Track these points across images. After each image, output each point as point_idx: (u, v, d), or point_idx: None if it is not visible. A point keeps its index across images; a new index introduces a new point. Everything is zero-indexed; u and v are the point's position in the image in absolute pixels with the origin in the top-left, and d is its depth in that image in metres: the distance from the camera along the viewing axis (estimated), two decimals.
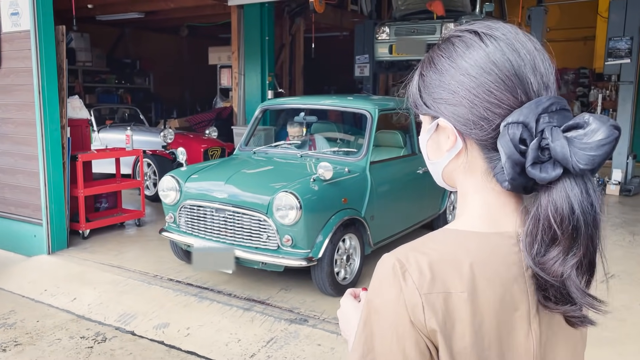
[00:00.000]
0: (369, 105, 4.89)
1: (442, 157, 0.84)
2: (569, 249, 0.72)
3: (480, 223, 0.79)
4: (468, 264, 0.74)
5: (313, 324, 3.69)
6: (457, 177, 0.84)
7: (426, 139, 0.86)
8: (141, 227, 6.18)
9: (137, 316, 3.91)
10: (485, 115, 0.76)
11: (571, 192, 0.71)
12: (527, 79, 0.76)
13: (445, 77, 0.80)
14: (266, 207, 3.91)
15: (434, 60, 0.82)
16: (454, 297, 0.73)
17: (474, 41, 0.79)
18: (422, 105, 0.84)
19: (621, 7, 7.82)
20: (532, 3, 9.20)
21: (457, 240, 0.78)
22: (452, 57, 0.80)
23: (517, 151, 0.72)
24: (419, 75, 0.85)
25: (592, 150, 0.68)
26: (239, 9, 9.49)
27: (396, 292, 0.74)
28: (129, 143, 6.19)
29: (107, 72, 13.28)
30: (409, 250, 0.77)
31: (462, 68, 0.78)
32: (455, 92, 0.78)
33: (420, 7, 8.84)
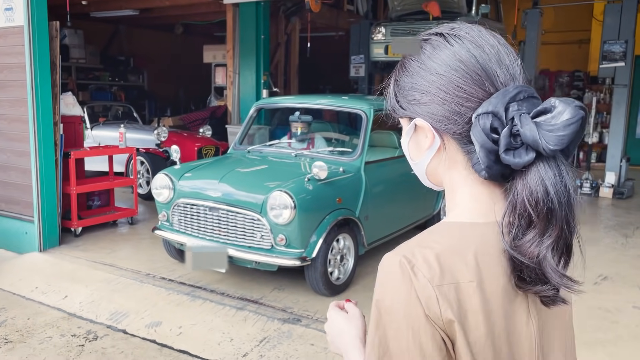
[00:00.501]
0: (364, 105, 4.88)
1: (423, 156, 0.87)
2: (544, 230, 0.74)
3: (473, 214, 0.82)
4: (472, 254, 0.76)
5: (306, 324, 3.67)
6: (441, 173, 0.87)
7: (407, 141, 0.89)
8: (134, 225, 6.15)
9: (129, 315, 3.88)
10: (458, 110, 0.80)
11: (545, 175, 0.74)
12: (494, 72, 0.79)
13: (416, 78, 0.83)
14: (260, 206, 3.89)
15: (405, 65, 0.86)
16: (464, 287, 0.74)
17: (439, 42, 0.83)
18: (398, 108, 0.87)
19: (616, 11, 7.85)
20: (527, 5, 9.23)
21: (457, 232, 0.80)
22: (421, 60, 0.84)
23: (489, 140, 0.75)
24: (394, 81, 0.88)
25: (559, 130, 0.72)
26: (235, 7, 9.46)
27: (407, 288, 0.74)
28: (122, 141, 6.15)
29: (100, 69, 13.20)
30: (413, 246, 0.78)
31: (431, 68, 0.82)
32: (427, 92, 0.82)
33: (416, 8, 8.84)
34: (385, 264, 0.78)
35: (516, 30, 9.48)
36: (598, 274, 4.64)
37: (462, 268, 0.75)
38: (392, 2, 9.16)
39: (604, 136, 10.33)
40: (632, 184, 8.43)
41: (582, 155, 10.64)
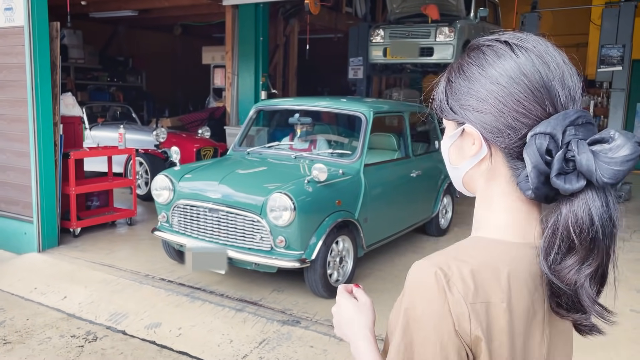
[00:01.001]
0: (364, 108, 4.90)
1: (464, 163, 0.86)
2: (584, 258, 0.75)
3: (509, 232, 0.82)
4: (506, 274, 0.77)
5: (305, 326, 3.68)
6: (479, 183, 0.86)
7: (449, 144, 0.88)
8: (132, 226, 6.15)
9: (128, 315, 3.89)
10: (513, 125, 0.78)
11: (592, 204, 0.73)
12: (556, 91, 0.78)
13: (475, 84, 0.81)
14: (260, 208, 3.90)
15: (463, 68, 0.84)
16: (494, 306, 0.75)
17: (504, 51, 0.80)
18: (448, 110, 0.86)
19: (614, 15, 7.89)
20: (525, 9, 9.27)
21: (492, 249, 0.80)
22: (482, 66, 0.81)
23: (543, 161, 0.74)
24: (447, 81, 0.87)
25: (616, 165, 0.70)
26: (234, 8, 9.47)
27: (440, 301, 0.74)
28: (122, 141, 6.15)
29: (99, 69, 13.19)
30: (450, 259, 0.77)
31: (492, 77, 0.80)
32: (484, 100, 0.80)
33: (415, 11, 8.87)
34: (419, 272, 0.77)
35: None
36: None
37: (495, 287, 0.76)
38: (391, 5, 9.19)
39: None
40: (629, 188, 8.47)
41: None
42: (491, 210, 0.84)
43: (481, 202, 0.87)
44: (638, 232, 6.29)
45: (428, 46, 8.50)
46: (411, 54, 8.70)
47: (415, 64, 9.11)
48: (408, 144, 5.47)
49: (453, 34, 8.31)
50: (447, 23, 8.39)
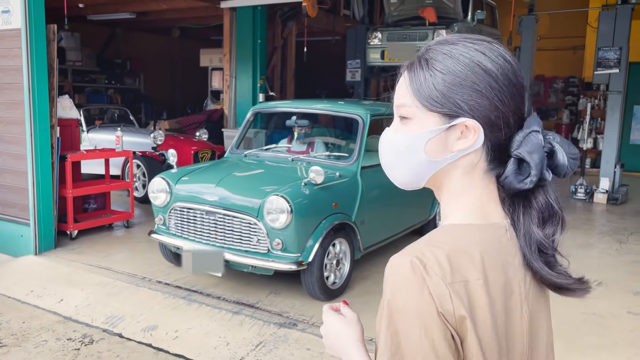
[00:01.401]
0: (361, 110, 4.91)
1: (444, 157, 0.87)
2: (557, 227, 0.87)
3: (475, 217, 0.86)
4: (478, 254, 0.81)
5: (302, 328, 3.68)
6: (453, 175, 0.88)
7: (427, 137, 0.86)
8: (130, 228, 6.14)
9: (125, 318, 3.88)
10: (509, 122, 0.85)
11: (553, 188, 0.88)
12: (524, 100, 0.87)
13: (475, 77, 0.84)
14: (257, 211, 3.90)
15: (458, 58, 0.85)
16: (472, 284, 0.79)
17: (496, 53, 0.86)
18: (442, 102, 0.85)
19: (610, 18, 7.92)
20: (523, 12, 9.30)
21: (462, 234, 0.84)
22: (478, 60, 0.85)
23: (543, 154, 0.84)
24: (438, 71, 0.85)
25: (577, 160, 0.85)
26: (232, 11, 9.48)
27: (419, 286, 0.77)
28: (119, 144, 6.15)
29: (97, 72, 13.19)
30: (422, 246, 0.81)
31: (490, 72, 0.84)
32: (488, 98, 0.84)
33: (412, 14, 8.89)
34: (395, 264, 0.80)
35: (512, 37, 9.54)
36: (593, 279, 4.65)
37: (470, 267, 0.80)
38: (389, 8, 9.21)
39: (598, 142, 10.40)
40: (626, 190, 8.49)
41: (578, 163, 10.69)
42: (462, 199, 0.88)
43: (450, 194, 0.89)
44: (635, 235, 6.30)
45: None
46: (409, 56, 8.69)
47: None
48: None
49: None
50: (445, 26, 8.41)
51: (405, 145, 0.88)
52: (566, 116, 11.74)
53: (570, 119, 11.72)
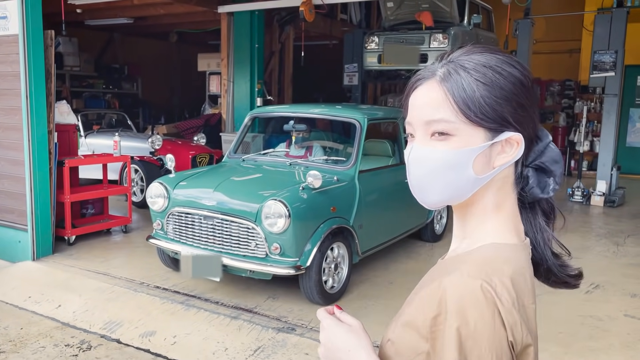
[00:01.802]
0: (358, 115, 4.92)
1: (487, 173, 0.85)
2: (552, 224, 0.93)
3: (513, 235, 0.87)
4: (529, 276, 0.83)
5: (301, 333, 3.68)
6: (489, 191, 0.87)
7: (475, 154, 0.83)
8: (128, 233, 6.14)
9: (123, 324, 3.88)
10: (538, 134, 0.90)
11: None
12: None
13: (524, 91, 0.85)
14: (255, 215, 3.91)
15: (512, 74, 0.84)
16: (528, 309, 0.79)
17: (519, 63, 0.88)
18: (493, 117, 0.83)
19: (606, 21, 7.96)
20: (519, 15, 9.33)
21: (514, 255, 0.84)
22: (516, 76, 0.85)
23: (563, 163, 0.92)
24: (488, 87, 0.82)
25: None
26: (229, 16, 9.51)
27: (492, 314, 0.74)
28: (117, 149, 6.15)
29: (95, 77, 13.20)
30: (488, 270, 0.79)
31: (532, 89, 0.86)
32: (528, 111, 0.86)
33: (409, 18, 8.92)
34: (463, 289, 0.76)
35: (508, 40, 9.57)
36: (590, 282, 4.68)
37: (525, 290, 0.79)
38: (386, 12, 9.24)
39: (594, 145, 10.43)
40: (622, 192, 8.51)
41: (574, 164, 10.73)
42: (498, 215, 0.87)
43: (486, 209, 0.87)
44: (632, 237, 6.32)
45: (422, 52, 8.54)
46: (405, 61, 8.74)
47: (410, 70, 9.15)
48: (402, 150, 5.48)
49: (447, 40, 8.35)
50: (441, 30, 8.44)
51: (450, 162, 0.84)
52: (562, 119, 11.77)
53: (567, 122, 11.75)
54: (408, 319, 0.82)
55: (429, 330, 0.77)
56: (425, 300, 0.79)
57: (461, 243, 0.90)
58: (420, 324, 0.79)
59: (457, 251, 0.90)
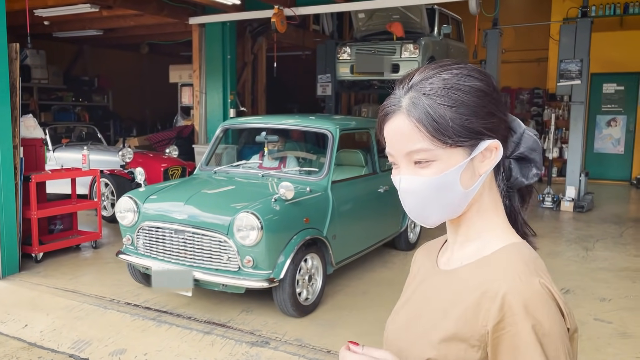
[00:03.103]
0: (331, 125, 4.93)
1: (476, 182, 0.89)
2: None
3: (513, 232, 0.93)
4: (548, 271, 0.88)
5: (275, 346, 3.64)
6: (483, 195, 0.91)
7: (459, 172, 0.86)
8: (98, 249, 6.01)
9: (92, 342, 3.78)
10: (513, 127, 0.93)
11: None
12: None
13: (483, 101, 0.87)
14: (227, 228, 3.86)
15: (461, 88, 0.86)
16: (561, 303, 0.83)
17: (477, 72, 0.90)
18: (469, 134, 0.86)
19: (571, 31, 8.16)
20: (487, 25, 9.51)
21: (532, 252, 0.89)
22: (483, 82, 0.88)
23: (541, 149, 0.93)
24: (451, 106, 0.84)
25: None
26: (201, 27, 9.47)
27: (556, 308, 0.80)
28: (86, 163, 6.04)
29: (64, 89, 12.98)
30: (534, 269, 0.84)
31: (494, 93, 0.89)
32: (496, 115, 0.88)
33: (380, 28, 9.01)
34: (525, 290, 0.80)
35: (477, 50, 9.74)
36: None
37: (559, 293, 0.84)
38: (357, 23, 9.31)
39: (563, 151, 10.65)
40: (591, 198, 8.70)
41: (544, 171, 10.93)
42: (495, 214, 0.92)
43: (484, 210, 0.91)
44: (601, 242, 6.45)
45: (394, 62, 8.62)
46: (376, 69, 8.80)
47: (382, 80, 9.23)
48: (375, 160, 5.51)
49: (418, 50, 8.46)
50: (412, 40, 8.54)
51: (439, 186, 0.86)
52: (532, 127, 12.00)
53: (537, 130, 11.99)
54: (452, 332, 0.83)
55: (490, 337, 0.80)
56: (475, 311, 0.81)
57: (465, 247, 0.92)
58: (470, 335, 0.81)
59: (467, 255, 0.91)
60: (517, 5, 12.73)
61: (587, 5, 8.44)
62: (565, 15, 9.78)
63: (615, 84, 11.13)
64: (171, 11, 8.89)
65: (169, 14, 8.88)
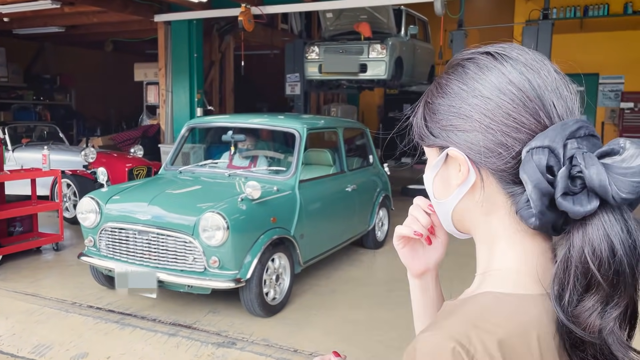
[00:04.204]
0: (298, 124, 4.91)
1: (451, 195, 0.72)
2: (609, 297, 0.61)
3: (526, 281, 0.67)
4: (535, 338, 0.63)
5: (241, 347, 3.61)
6: (475, 219, 0.72)
7: (432, 175, 0.74)
8: (59, 251, 5.85)
9: (53, 347, 3.68)
10: (504, 141, 0.66)
11: (611, 230, 0.60)
12: (550, 101, 0.67)
13: (456, 100, 0.70)
14: (192, 228, 3.81)
15: (442, 86, 0.73)
16: None
17: (488, 61, 0.70)
18: (428, 135, 0.73)
19: (533, 33, 8.34)
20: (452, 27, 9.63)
21: (517, 309, 0.65)
22: (464, 80, 0.70)
23: (544, 179, 0.62)
24: (424, 104, 0.75)
25: (634, 175, 0.59)
26: (166, 25, 9.33)
27: None
28: (46, 163, 5.87)
29: (24, 87, 12.61)
30: (470, 328, 0.62)
31: (475, 90, 0.69)
32: (468, 117, 0.69)
33: (348, 28, 9.04)
34: (430, 348, 0.61)
35: (442, 51, 9.87)
36: None
37: (526, 357, 0.62)
38: (325, 22, 9.32)
39: None
40: None
41: None
42: (497, 253, 0.70)
43: (483, 242, 0.72)
44: None
45: (362, 62, 8.66)
46: (344, 69, 8.83)
47: (351, 80, 9.26)
48: (343, 159, 5.53)
49: (385, 50, 8.52)
50: (379, 40, 8.60)
51: (426, 185, 0.78)
52: None
53: None
54: None
55: None
56: (404, 357, 0.65)
57: (474, 282, 0.75)
58: None
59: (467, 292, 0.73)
60: (481, 6, 12.97)
61: (549, 7, 8.64)
62: (527, 18, 10.01)
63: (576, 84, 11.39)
64: (136, 8, 8.73)
65: (134, 11, 8.71)
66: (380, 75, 8.65)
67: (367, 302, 4.43)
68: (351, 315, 4.18)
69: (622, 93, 11.06)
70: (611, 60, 11.09)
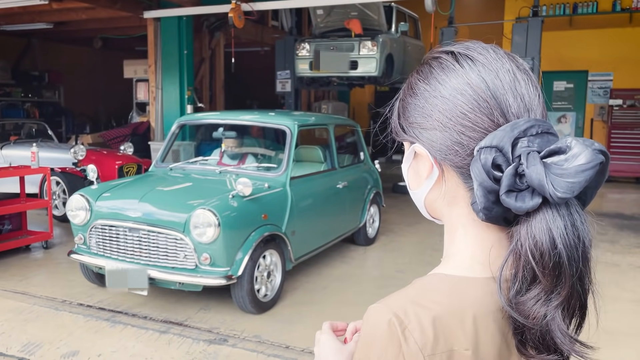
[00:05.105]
0: (289, 121, 4.91)
1: (421, 186, 0.78)
2: (551, 288, 0.65)
3: (476, 266, 0.72)
4: (471, 317, 0.68)
5: (233, 344, 3.61)
6: (441, 208, 0.78)
7: (406, 167, 0.81)
8: (49, 249, 5.81)
9: (43, 345, 3.65)
10: (459, 140, 0.71)
11: (553, 224, 0.64)
12: (505, 100, 0.70)
13: (420, 100, 0.75)
14: (183, 225, 3.80)
15: (411, 84, 0.78)
16: (457, 355, 0.67)
17: (449, 62, 0.74)
18: (400, 130, 0.79)
19: (523, 30, 8.39)
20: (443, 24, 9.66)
21: (457, 290, 0.70)
22: (428, 79, 0.75)
23: (489, 178, 0.65)
24: (400, 100, 0.80)
25: (570, 176, 0.62)
26: (156, 21, 9.27)
27: (394, 353, 0.65)
28: (35, 160, 5.82)
29: (12, 84, 12.49)
30: (408, 303, 0.68)
31: (436, 90, 0.73)
32: (429, 116, 0.73)
33: (338, 25, 9.04)
34: (373, 317, 0.68)
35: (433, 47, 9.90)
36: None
37: (459, 334, 0.67)
38: (316, 19, 9.31)
39: None
40: None
41: None
42: (456, 240, 0.76)
43: (446, 230, 0.78)
44: None
45: (352, 59, 8.66)
46: (336, 67, 8.83)
47: (341, 77, 9.26)
48: (334, 156, 5.53)
49: (376, 47, 8.52)
50: (370, 37, 8.60)
51: (404, 175, 0.83)
52: None
53: None
54: None
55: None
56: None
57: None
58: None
59: None
60: (472, 4, 13.02)
61: (538, 4, 8.69)
62: (517, 15, 10.06)
63: (565, 81, 11.53)
64: (125, 4, 8.66)
65: (123, 7, 8.65)
66: (371, 72, 8.66)
67: (358, 299, 4.44)
68: (342, 311, 4.19)
69: (611, 90, 11.15)
70: (600, 58, 11.17)
